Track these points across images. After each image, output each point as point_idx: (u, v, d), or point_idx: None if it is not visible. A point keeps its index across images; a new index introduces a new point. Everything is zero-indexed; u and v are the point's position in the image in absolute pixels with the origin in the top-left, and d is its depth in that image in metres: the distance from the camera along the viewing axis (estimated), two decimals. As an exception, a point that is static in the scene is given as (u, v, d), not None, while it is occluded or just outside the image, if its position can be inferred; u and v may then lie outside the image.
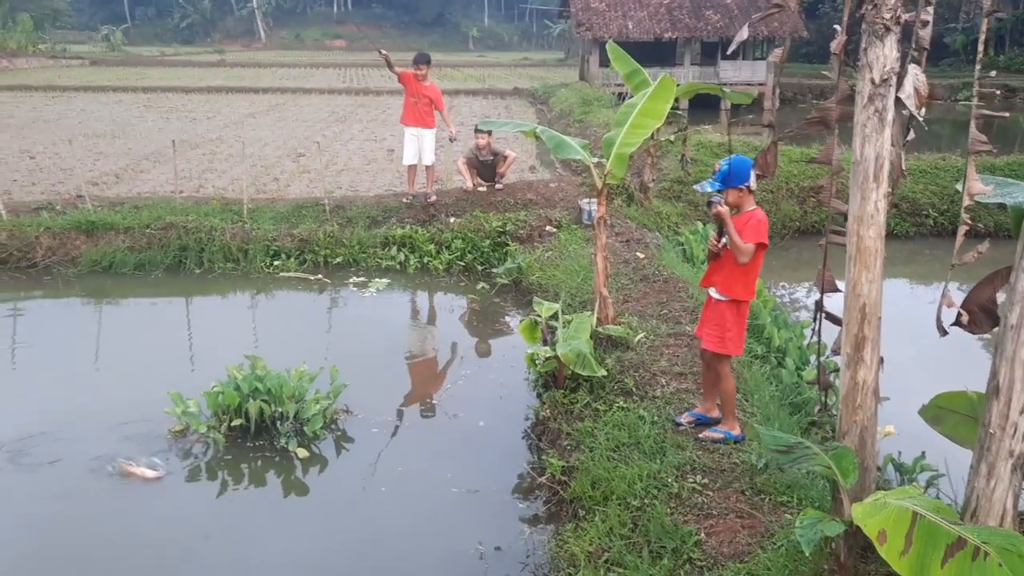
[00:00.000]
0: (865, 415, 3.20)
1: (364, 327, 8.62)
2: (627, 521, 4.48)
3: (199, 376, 6.72)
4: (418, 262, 10.34)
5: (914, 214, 12.31)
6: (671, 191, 12.49)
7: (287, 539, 5.07)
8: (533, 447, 6.07)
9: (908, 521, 2.75)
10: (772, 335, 7.00)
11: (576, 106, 21.41)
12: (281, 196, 12.18)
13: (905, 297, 10.27)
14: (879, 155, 3.10)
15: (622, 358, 6.43)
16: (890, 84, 3.08)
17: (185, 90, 29.81)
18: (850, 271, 3.18)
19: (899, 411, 5.16)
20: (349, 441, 6.24)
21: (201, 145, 16.93)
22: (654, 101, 6.53)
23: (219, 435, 6.01)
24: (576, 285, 8.26)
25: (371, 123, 21.10)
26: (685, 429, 5.35)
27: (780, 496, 4.48)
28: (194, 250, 10.29)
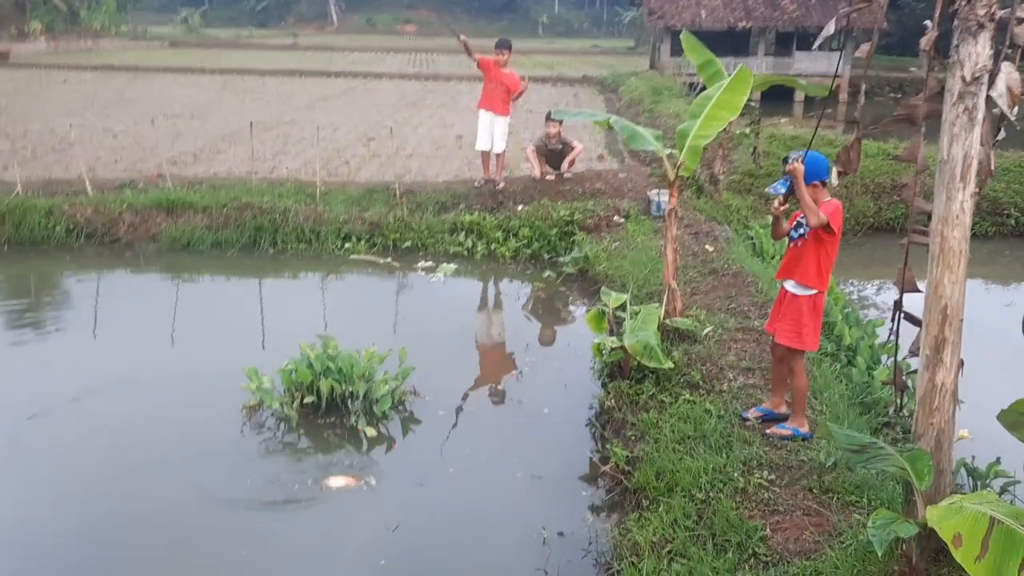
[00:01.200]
0: (942, 418, 3.16)
1: (432, 311, 8.76)
2: (691, 513, 4.50)
3: (272, 354, 6.93)
4: (485, 249, 10.43)
5: (994, 213, 11.93)
6: (742, 184, 12.34)
7: (355, 516, 5.22)
8: (597, 436, 6.12)
9: (985, 526, 2.72)
10: (843, 333, 6.91)
11: (646, 95, 21.23)
12: (352, 180, 12.40)
13: (983, 298, 9.99)
14: (967, 154, 3.05)
15: (689, 351, 6.43)
16: (982, 82, 3.02)
17: (260, 73, 30.45)
18: (932, 272, 3.14)
19: (974, 416, 5.05)
20: (416, 422, 6.37)
21: (275, 127, 17.31)
22: (730, 93, 6.47)
23: (292, 411, 6.20)
24: (643, 276, 8.25)
25: (440, 109, 21.27)
26: (752, 424, 5.33)
27: (849, 496, 4.44)
28: (268, 230, 10.56)
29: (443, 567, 4.77)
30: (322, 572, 4.71)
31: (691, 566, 4.02)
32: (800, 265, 5.10)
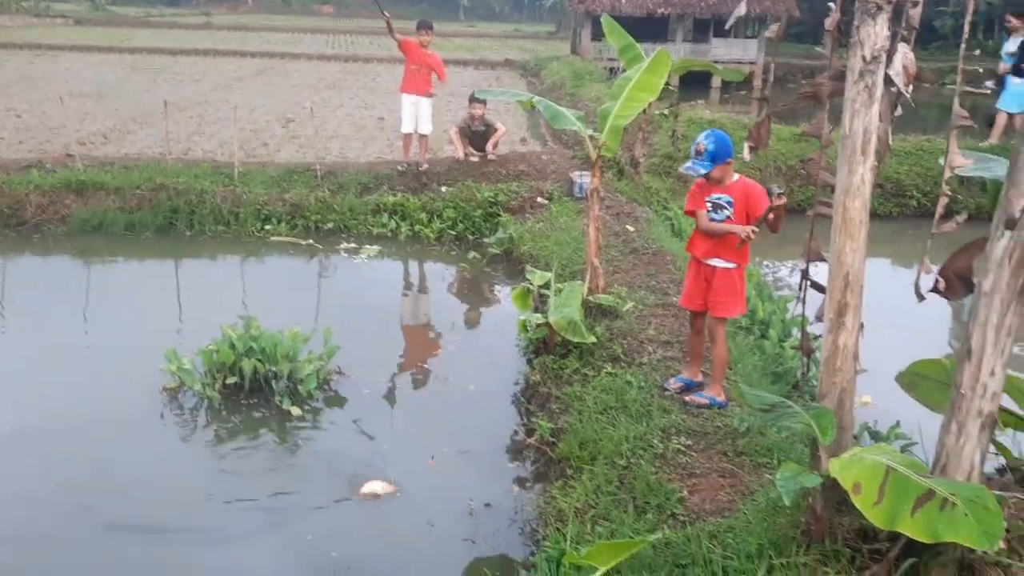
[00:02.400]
0: (844, 378, 3.36)
1: (356, 292, 8.73)
2: (614, 479, 4.66)
3: (191, 336, 6.82)
4: (409, 230, 10.42)
5: (898, 195, 12.50)
6: (661, 167, 12.60)
7: (281, 496, 5.20)
8: (523, 410, 6.24)
9: (882, 474, 2.92)
10: (757, 307, 7.18)
11: (568, 79, 21.42)
12: (271, 161, 12.21)
13: (888, 276, 10.47)
14: (867, 129, 3.23)
15: (611, 326, 6.59)
16: (880, 61, 3.20)
17: (172, 52, 29.49)
18: (835, 240, 3.33)
19: (877, 383, 5.34)
20: (342, 401, 6.38)
21: (189, 108, 16.86)
22: (649, 75, 6.63)
23: (214, 392, 6.13)
24: (567, 256, 8.39)
25: (361, 90, 21.04)
26: (671, 394, 5.52)
27: (761, 458, 4.67)
28: (184, 212, 10.33)
29: (370, 542, 4.82)
30: (243, 547, 4.70)
31: (613, 528, 4.17)
32: (726, 244, 5.29)
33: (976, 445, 3.00)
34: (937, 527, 2.76)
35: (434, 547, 4.77)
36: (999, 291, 2.84)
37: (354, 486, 5.21)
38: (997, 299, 2.85)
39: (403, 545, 4.78)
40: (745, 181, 5.27)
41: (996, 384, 2.95)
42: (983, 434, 3.00)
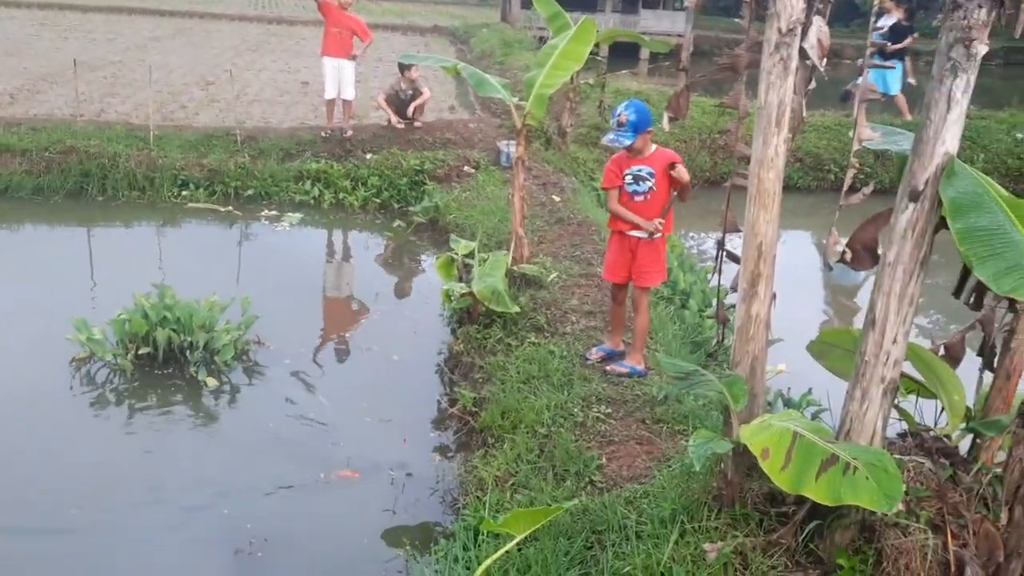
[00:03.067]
0: (757, 346, 3.43)
1: (277, 261, 8.54)
2: (534, 448, 4.69)
3: (103, 306, 6.60)
4: (333, 198, 10.23)
5: (817, 168, 12.80)
6: (588, 137, 12.62)
7: (196, 467, 5.09)
8: (446, 380, 6.22)
9: (789, 440, 3.00)
10: (678, 278, 7.29)
11: (497, 47, 21.22)
12: (189, 124, 11.79)
13: (806, 248, 10.77)
14: (782, 101, 3.27)
15: (535, 296, 6.61)
16: (795, 34, 3.24)
17: (82, 9, 28.10)
18: (750, 211, 3.38)
19: (791, 352, 5.49)
20: (261, 372, 6.25)
21: (102, 68, 16.14)
22: (575, 43, 6.60)
23: (126, 362, 5.94)
24: (493, 225, 8.36)
25: (284, 53, 20.45)
26: (593, 363, 5.57)
27: (677, 425, 4.76)
28: (96, 176, 9.92)
29: (291, 513, 4.75)
30: (163, 522, 4.58)
31: (532, 496, 4.21)
32: (652, 216, 5.32)
33: (879, 410, 3.10)
34: (840, 491, 2.84)
35: (354, 517, 4.73)
36: (902, 262, 2.92)
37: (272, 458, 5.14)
38: (900, 269, 2.93)
39: (322, 516, 4.73)
40: (663, 151, 5.31)
41: (898, 352, 3.04)
42: (885, 400, 3.10)
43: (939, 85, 2.79)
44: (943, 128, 2.81)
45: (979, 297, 3.33)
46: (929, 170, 2.85)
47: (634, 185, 5.31)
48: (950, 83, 2.77)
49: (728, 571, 3.18)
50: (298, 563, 4.37)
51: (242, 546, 4.38)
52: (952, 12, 2.77)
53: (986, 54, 2.80)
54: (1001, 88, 21.54)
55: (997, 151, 13.15)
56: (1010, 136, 13.43)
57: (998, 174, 12.76)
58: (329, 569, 4.34)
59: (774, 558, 3.18)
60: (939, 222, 2.90)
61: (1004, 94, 17.76)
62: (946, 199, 2.80)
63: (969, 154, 12.81)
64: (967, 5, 2.73)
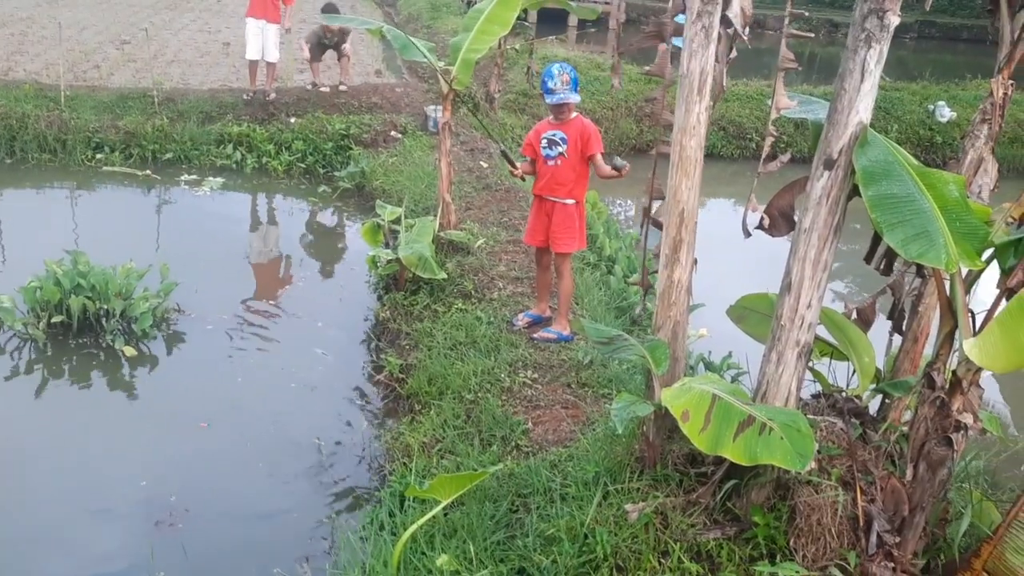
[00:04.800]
0: (678, 311, 3.49)
1: (198, 227, 8.32)
2: (461, 413, 4.71)
3: (12, 273, 6.34)
4: (256, 162, 9.98)
5: (739, 137, 13.04)
6: (516, 103, 12.58)
7: (114, 439, 4.97)
8: (372, 347, 6.18)
9: (708, 402, 3.07)
10: (604, 244, 7.36)
11: (425, 11, 20.89)
12: (103, 85, 11.30)
13: (729, 215, 10.97)
14: (703, 70, 3.30)
15: (462, 262, 6.59)
16: (718, 2, 3.27)
17: (-12, -39, 26.63)
18: (672, 178, 3.41)
19: (712, 317, 5.62)
20: (181, 340, 6.11)
21: (9, 24, 15.33)
22: (501, 8, 6.53)
23: (38, 331, 5.73)
24: (420, 191, 8.29)
25: (204, 12, 19.74)
26: (519, 329, 5.60)
27: (602, 389, 4.83)
28: (4, 138, 9.50)
29: (215, 483, 4.68)
30: (80, 495, 4.46)
31: (459, 461, 4.23)
32: (563, 182, 5.36)
33: (793, 372, 3.20)
34: (755, 450, 2.93)
35: (279, 486, 4.68)
36: (816, 228, 3.00)
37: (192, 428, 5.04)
38: (815, 235, 3.01)
39: (246, 485, 4.67)
40: (582, 120, 5.34)
41: (812, 316, 3.14)
42: (800, 362, 3.19)
43: (853, 55, 2.86)
44: (857, 98, 2.88)
45: (889, 263, 3.45)
46: (843, 139, 2.92)
47: (547, 149, 5.35)
48: (864, 53, 2.84)
49: (649, 531, 3.25)
50: (221, 533, 4.32)
51: (162, 517, 4.30)
52: (867, -17, 2.83)
53: (900, 27, 2.87)
54: (914, 61, 22.21)
55: (910, 122, 13.61)
56: (922, 108, 13.90)
57: (910, 144, 13.22)
58: (253, 538, 4.30)
59: (693, 517, 3.27)
60: (852, 190, 2.99)
61: (917, 67, 18.31)
62: (859, 167, 2.88)
63: (883, 124, 13.22)
64: (881, -23, 2.79)
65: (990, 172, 3.39)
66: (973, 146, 3.33)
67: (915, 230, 2.77)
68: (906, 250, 2.74)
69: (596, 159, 5.24)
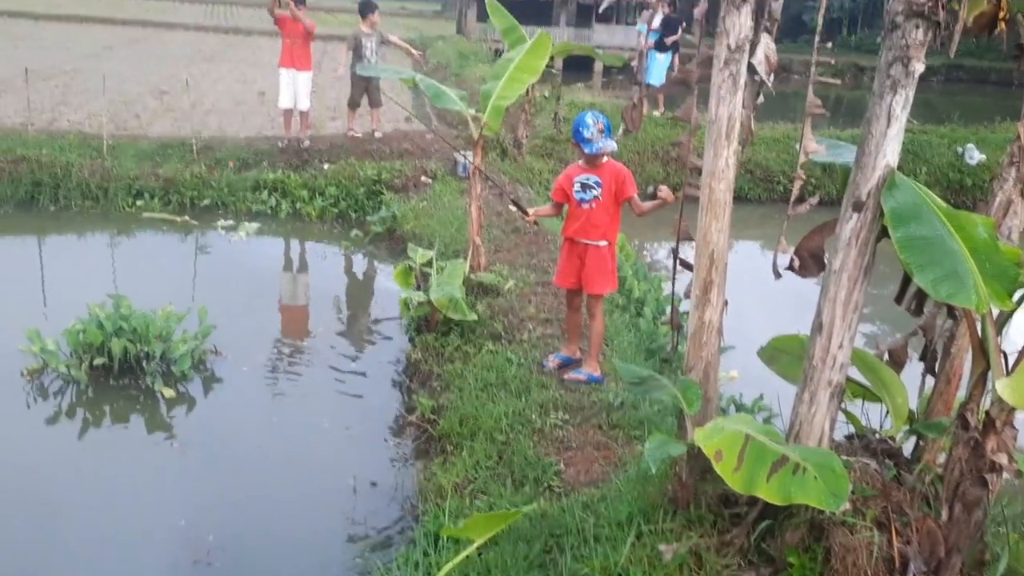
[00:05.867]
0: (710, 351, 3.53)
1: (234, 271, 8.50)
2: (493, 454, 4.74)
3: (57, 316, 6.49)
4: (290, 207, 10.21)
5: (766, 180, 13.09)
6: (543, 148, 12.77)
7: (153, 479, 5.06)
8: (404, 388, 6.25)
9: (741, 442, 3.10)
10: (633, 287, 7.42)
11: (453, 59, 21.34)
12: (143, 134, 11.68)
13: (757, 258, 10.99)
14: (731, 115, 3.39)
15: (492, 304, 6.67)
16: (744, 50, 3.36)
17: (34, 16, 27.62)
18: (702, 221, 3.48)
19: (743, 359, 5.63)
20: (218, 381, 6.22)
21: (54, 76, 15.90)
22: (530, 57, 6.71)
23: (80, 373, 5.86)
24: (450, 234, 8.42)
25: (241, 64, 20.33)
26: (550, 370, 5.65)
27: (633, 430, 4.85)
28: (48, 186, 9.79)
29: (250, 522, 4.74)
30: (119, 534, 4.54)
31: (491, 502, 4.26)
32: (597, 225, 5.43)
33: (826, 413, 3.22)
34: (790, 490, 2.94)
35: (314, 525, 4.73)
36: (847, 269, 3.04)
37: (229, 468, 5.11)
38: (845, 277, 3.06)
39: (282, 524, 4.73)
40: (614, 164, 5.43)
41: (844, 356, 3.17)
42: (832, 403, 3.21)
43: (879, 101, 2.93)
44: (884, 142, 2.95)
45: (919, 303, 3.47)
46: (871, 182, 2.98)
47: (581, 193, 5.43)
48: (890, 99, 2.91)
49: (683, 571, 3.26)
50: (257, 572, 4.36)
51: (199, 556, 4.36)
52: (891, 32, 2.91)
53: (927, 71, 2.94)
54: (942, 104, 22.21)
55: (939, 165, 13.59)
56: (951, 150, 13.88)
57: (940, 186, 13.19)
58: (289, 578, 4.34)
59: (727, 557, 3.27)
60: (881, 231, 3.04)
61: (945, 109, 18.32)
62: (887, 209, 2.93)
63: (912, 167, 13.22)
64: (905, 26, 2.87)
65: (1020, 214, 3.41)
66: (1002, 189, 3.37)
67: (945, 271, 2.80)
68: (936, 291, 2.78)
69: (634, 200, 5.33)
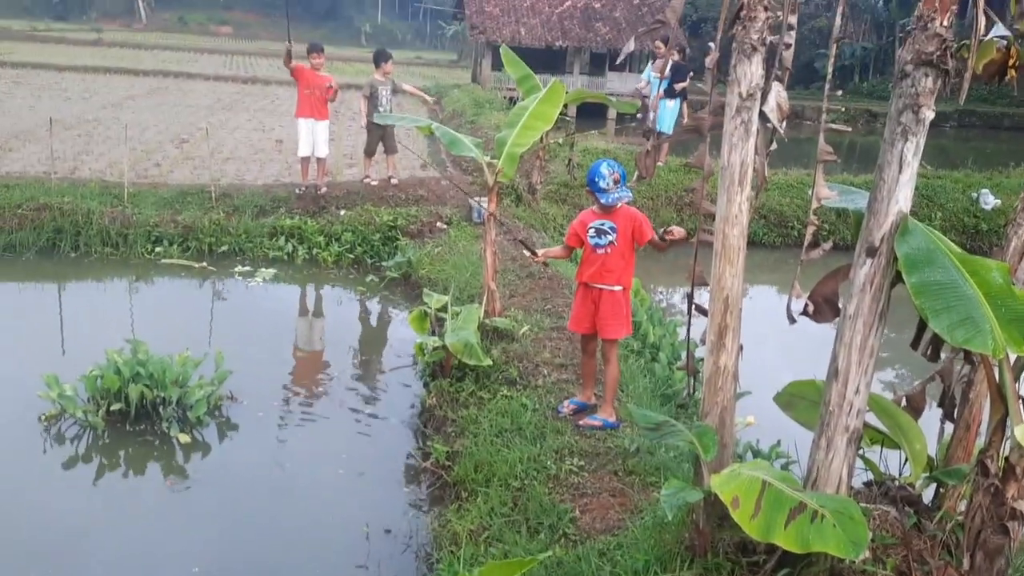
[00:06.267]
0: (725, 396, 3.53)
1: (250, 316, 8.56)
2: (507, 501, 4.71)
3: (75, 362, 6.53)
4: (307, 253, 10.30)
5: (780, 225, 13.11)
6: (558, 194, 12.86)
7: (168, 525, 5.05)
8: (419, 434, 6.23)
9: (758, 489, 3.07)
10: (648, 332, 7.40)
11: (468, 107, 21.62)
12: (163, 182, 11.86)
13: (772, 303, 10.95)
14: (744, 162, 3.43)
15: (507, 349, 6.68)
16: (755, 98, 3.41)
17: (58, 68, 28.28)
18: (716, 266, 3.50)
19: (759, 404, 5.60)
20: (233, 427, 6.23)
21: (76, 126, 16.22)
22: (544, 104, 6.81)
23: (97, 419, 5.89)
24: (465, 280, 8.46)
25: (259, 112, 20.68)
26: (565, 416, 5.63)
27: (650, 477, 4.81)
28: (69, 233, 9.93)
29: (264, 569, 4.71)
30: (132, 582, 4.53)
31: (506, 549, 4.22)
32: (612, 269, 5.46)
33: (844, 459, 3.20)
34: (808, 538, 2.91)
35: (329, 572, 4.70)
36: (862, 314, 3.05)
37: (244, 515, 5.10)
38: (860, 322, 3.06)
39: (298, 571, 4.69)
40: (629, 209, 5.47)
41: (861, 401, 3.16)
42: (850, 448, 3.19)
43: (891, 147, 2.96)
44: (896, 188, 2.97)
45: (936, 349, 3.46)
46: (884, 227, 3.00)
47: (596, 238, 5.46)
48: (901, 146, 2.94)
49: (701, 620, 3.22)
50: (271, 621, 4.32)
51: (214, 604, 4.34)
52: (901, 80, 2.96)
53: (940, 116, 2.98)
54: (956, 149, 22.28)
55: (954, 210, 13.58)
56: (966, 195, 13.88)
57: (955, 231, 13.17)
58: (302, 626, 4.30)
59: (746, 606, 3.23)
60: (896, 276, 3.05)
61: (959, 155, 18.38)
62: (901, 255, 2.94)
63: (927, 212, 13.22)
64: (914, 74, 2.91)
65: (1034, 259, 3.42)
66: (1016, 233, 3.38)
67: (960, 316, 2.80)
68: (952, 336, 2.77)
69: (654, 241, 5.36)
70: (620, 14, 31.16)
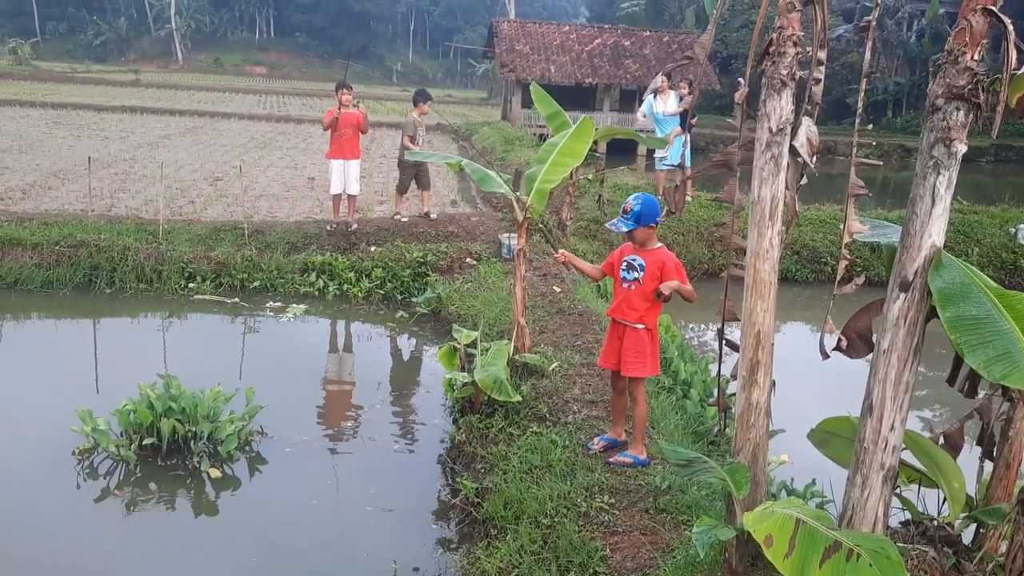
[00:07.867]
0: (758, 433, 3.48)
1: (281, 351, 8.62)
2: (537, 539, 4.66)
3: (109, 396, 6.63)
4: (337, 289, 10.39)
5: (813, 261, 13.01)
6: (588, 230, 12.88)
7: (197, 560, 5.05)
8: (448, 470, 6.21)
9: (792, 527, 3.02)
10: (679, 368, 7.34)
11: (498, 144, 21.83)
12: (197, 219, 12.07)
13: (805, 339, 10.83)
14: (775, 196, 3.41)
15: (537, 385, 6.65)
16: (785, 133, 3.41)
17: (97, 108, 29.06)
18: (747, 301, 3.48)
19: (793, 442, 5.51)
20: (263, 462, 6.25)
21: (114, 164, 16.60)
22: (574, 141, 6.85)
23: (130, 453, 5.94)
24: (494, 315, 8.47)
25: (291, 151, 21.03)
26: (595, 453, 5.58)
27: (681, 515, 4.74)
28: (105, 269, 10.11)
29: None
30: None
31: (536, 587, 4.17)
32: (635, 307, 5.41)
33: (879, 497, 3.13)
34: (844, 578, 2.85)
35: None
36: (896, 349, 3.00)
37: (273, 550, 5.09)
38: (895, 357, 3.02)
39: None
40: (664, 252, 5.38)
41: (896, 438, 3.10)
42: (886, 487, 3.13)
43: (923, 181, 2.93)
44: (928, 222, 2.94)
45: (972, 385, 3.40)
46: (917, 261, 2.96)
47: (625, 272, 5.43)
48: (933, 179, 2.92)
49: (735, 663, 3.14)
50: (298, 658, 4.29)
51: (242, 640, 4.32)
52: (932, 114, 2.94)
53: (976, 151, 2.97)
54: (992, 184, 22.00)
55: (991, 245, 13.39)
56: (1003, 231, 13.68)
57: (993, 267, 12.96)
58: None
59: (781, 649, 3.14)
60: (930, 311, 3.00)
61: (995, 190, 18.16)
62: (935, 289, 2.90)
63: (963, 247, 13.05)
64: (946, 108, 2.90)
65: (1073, 293, 3.35)
66: (1053, 267, 3.32)
67: (997, 351, 2.75)
68: (989, 372, 2.72)
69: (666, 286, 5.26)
70: (650, 51, 31.36)
